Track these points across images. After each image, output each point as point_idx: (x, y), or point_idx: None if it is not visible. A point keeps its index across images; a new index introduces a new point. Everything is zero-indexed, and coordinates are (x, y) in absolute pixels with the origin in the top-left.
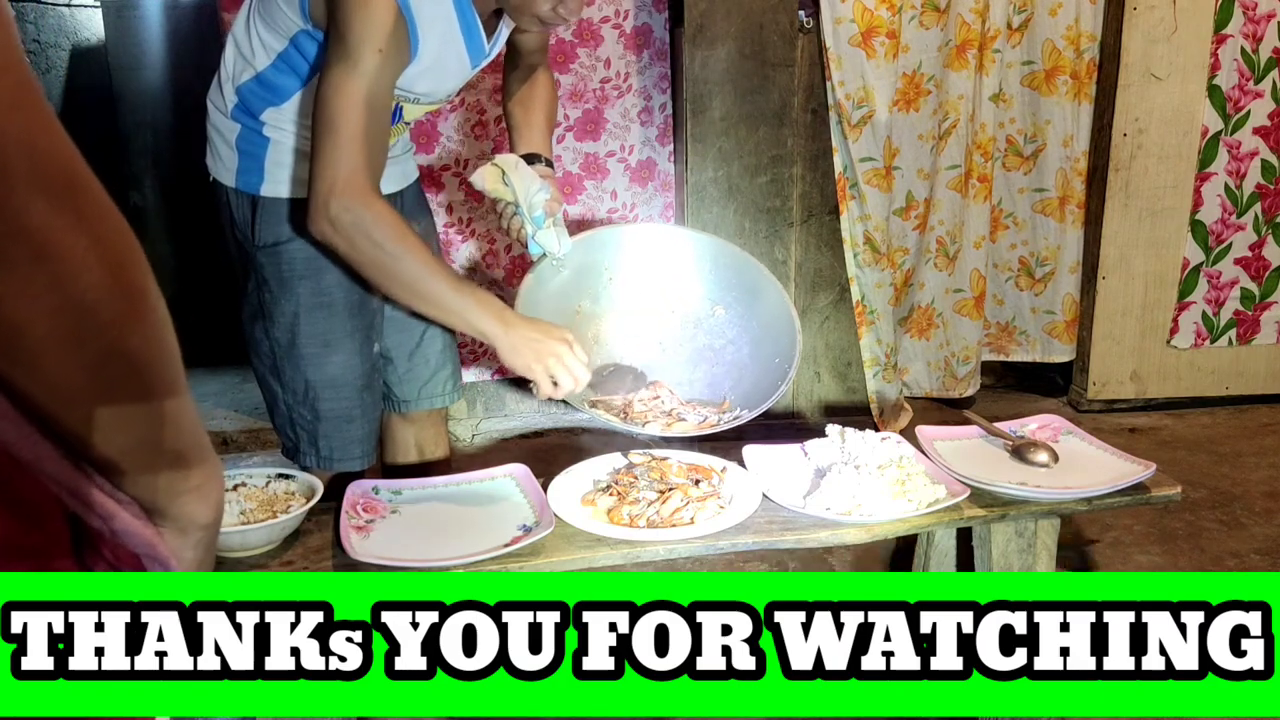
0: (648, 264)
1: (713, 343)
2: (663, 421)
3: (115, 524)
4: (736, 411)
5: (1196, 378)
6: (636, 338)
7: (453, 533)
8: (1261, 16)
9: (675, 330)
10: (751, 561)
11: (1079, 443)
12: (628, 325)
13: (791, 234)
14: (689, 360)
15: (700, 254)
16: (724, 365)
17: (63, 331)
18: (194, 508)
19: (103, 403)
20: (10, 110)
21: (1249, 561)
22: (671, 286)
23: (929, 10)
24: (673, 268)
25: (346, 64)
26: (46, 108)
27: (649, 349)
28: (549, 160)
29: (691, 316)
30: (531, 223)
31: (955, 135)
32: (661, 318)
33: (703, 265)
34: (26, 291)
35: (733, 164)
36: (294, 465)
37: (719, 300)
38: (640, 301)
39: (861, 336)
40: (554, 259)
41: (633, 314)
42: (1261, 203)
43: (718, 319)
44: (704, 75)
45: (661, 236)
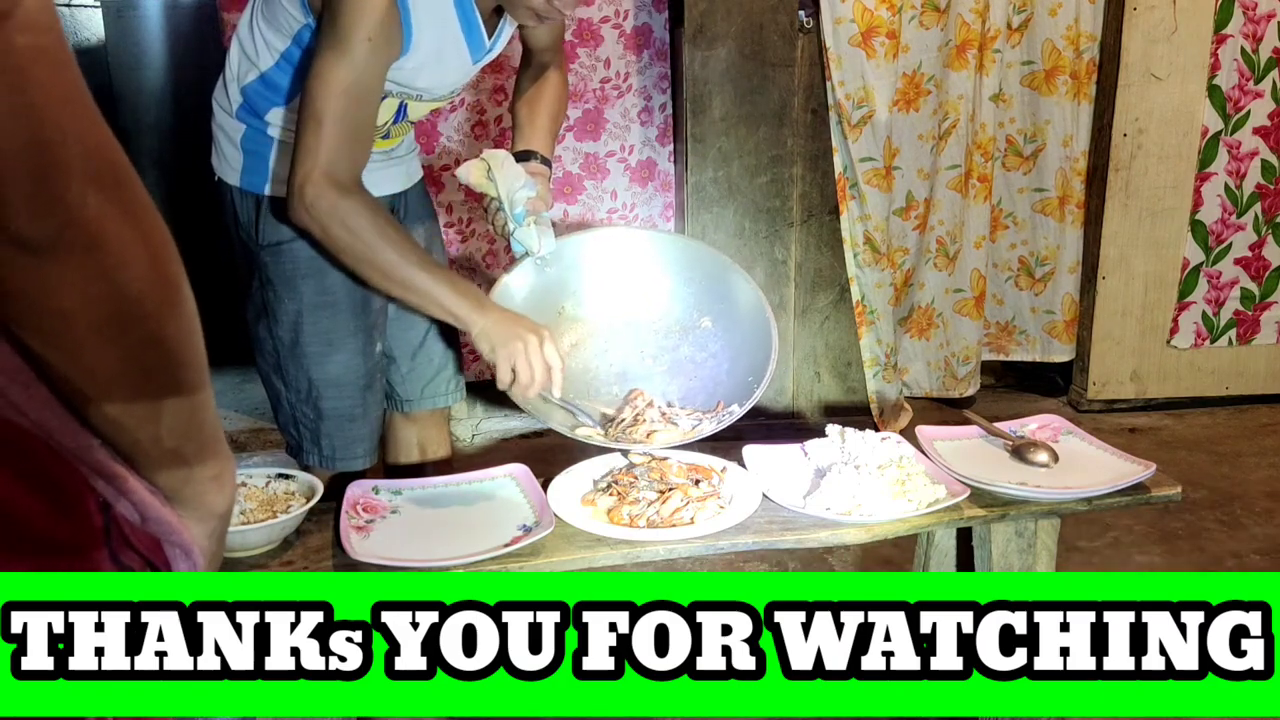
0: (636, 268)
1: (695, 355)
2: (646, 429)
3: (149, 511)
4: (706, 419)
5: (1196, 378)
6: (618, 343)
7: (453, 533)
8: (1261, 16)
9: (659, 339)
10: (751, 561)
11: (1079, 443)
12: (609, 330)
13: (791, 234)
14: (668, 371)
15: (689, 261)
16: (700, 380)
17: (108, 319)
18: (213, 497)
19: (138, 390)
20: (67, 105)
21: (1249, 561)
22: (658, 292)
23: (929, 10)
24: (661, 273)
25: (335, 51)
26: (94, 105)
27: (630, 356)
28: (546, 159)
29: (677, 325)
30: (512, 219)
31: (955, 135)
32: (645, 324)
33: (692, 273)
34: (78, 280)
35: (733, 164)
36: (295, 465)
37: (706, 310)
38: (625, 306)
39: (861, 336)
40: (536, 258)
41: (616, 318)
42: (1261, 203)
43: (703, 330)
44: (704, 75)
45: (651, 241)
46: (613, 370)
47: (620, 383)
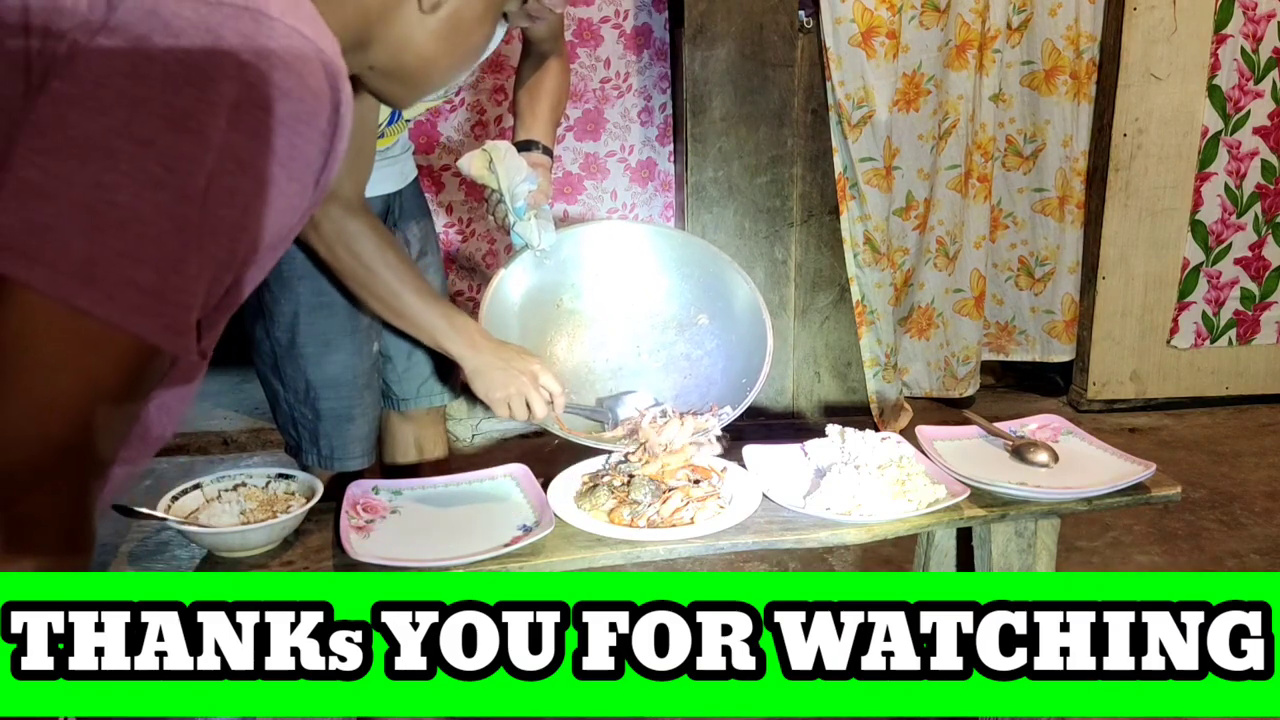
0: (635, 262)
1: (691, 352)
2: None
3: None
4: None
5: (1196, 378)
6: (615, 337)
7: (453, 533)
8: (1261, 16)
9: (655, 334)
10: (751, 561)
11: (1079, 443)
12: (607, 324)
13: (791, 234)
14: (663, 368)
15: (689, 258)
16: (694, 379)
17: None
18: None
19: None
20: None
21: (1249, 561)
22: (657, 288)
23: (929, 10)
24: (660, 268)
25: None
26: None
27: (626, 351)
28: (548, 148)
29: (674, 321)
30: (513, 213)
31: (955, 135)
32: (643, 319)
33: (691, 270)
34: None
35: (733, 164)
36: (295, 465)
37: (704, 308)
38: (624, 300)
39: (861, 336)
40: (535, 251)
41: (614, 312)
42: (1261, 203)
43: (700, 327)
44: (704, 75)
45: (651, 236)
46: (609, 365)
47: (615, 378)
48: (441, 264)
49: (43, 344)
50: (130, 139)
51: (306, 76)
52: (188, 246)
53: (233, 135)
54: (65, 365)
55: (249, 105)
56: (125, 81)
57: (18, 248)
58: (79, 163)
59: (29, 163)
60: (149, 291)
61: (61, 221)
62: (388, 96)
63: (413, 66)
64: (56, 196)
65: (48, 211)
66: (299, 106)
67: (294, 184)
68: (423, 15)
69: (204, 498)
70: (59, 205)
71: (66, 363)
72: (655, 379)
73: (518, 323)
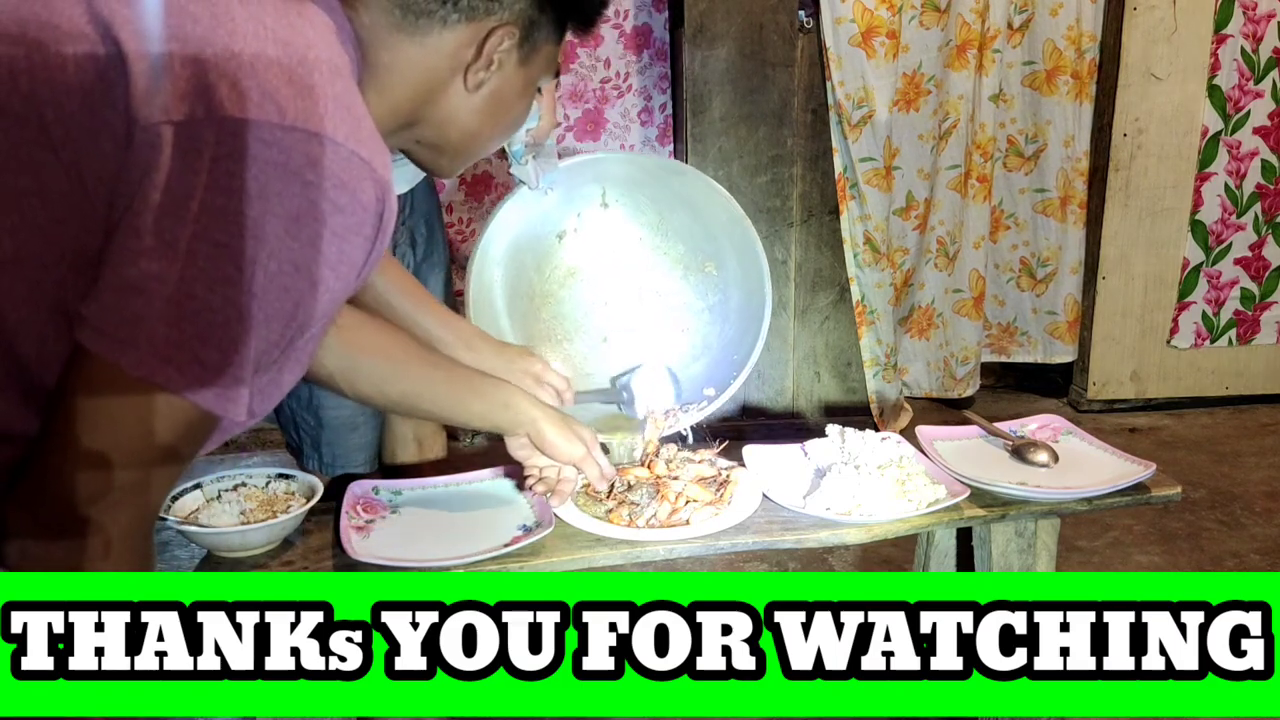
0: (653, 194)
1: (692, 303)
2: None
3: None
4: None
5: (1196, 378)
6: (615, 276)
7: (453, 533)
8: (1261, 16)
9: (658, 278)
10: (751, 561)
11: (1079, 443)
12: (611, 259)
13: (791, 234)
14: (661, 316)
15: (707, 201)
16: (688, 335)
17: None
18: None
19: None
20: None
21: (1249, 561)
22: (671, 224)
23: (929, 10)
24: (678, 204)
25: None
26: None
27: (627, 297)
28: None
29: (680, 261)
30: (511, 156)
31: (955, 135)
32: (646, 260)
33: (705, 213)
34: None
35: (733, 164)
36: (295, 465)
37: (711, 255)
38: (631, 232)
39: (861, 336)
40: (536, 190)
41: (617, 247)
42: (1261, 203)
43: (705, 275)
44: (704, 75)
45: (670, 171)
46: (608, 314)
47: (606, 314)
48: (447, 265)
49: (120, 407)
50: (208, 243)
51: (358, 193)
52: (248, 332)
53: (291, 243)
54: (137, 424)
55: (308, 219)
56: (207, 194)
57: (112, 335)
58: (166, 264)
59: (126, 261)
60: (211, 368)
61: (150, 314)
62: (433, 167)
63: (458, 140)
64: (148, 293)
65: (139, 304)
66: (350, 219)
67: (340, 281)
68: (468, 94)
69: (204, 497)
70: (150, 300)
71: (139, 423)
72: (650, 332)
73: (510, 267)
